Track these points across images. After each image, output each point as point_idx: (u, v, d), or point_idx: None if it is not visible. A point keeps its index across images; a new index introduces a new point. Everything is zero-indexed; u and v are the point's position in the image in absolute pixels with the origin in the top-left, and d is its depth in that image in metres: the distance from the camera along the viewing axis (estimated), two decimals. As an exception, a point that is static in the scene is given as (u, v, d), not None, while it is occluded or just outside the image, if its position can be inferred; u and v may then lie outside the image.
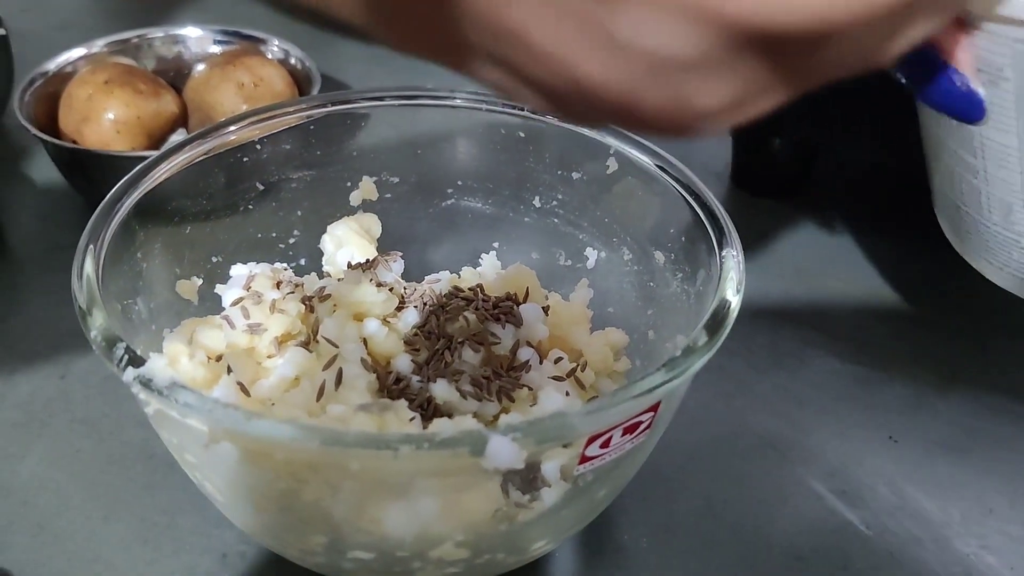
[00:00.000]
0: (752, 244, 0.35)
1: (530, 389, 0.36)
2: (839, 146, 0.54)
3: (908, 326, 0.45)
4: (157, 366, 0.27)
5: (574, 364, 0.37)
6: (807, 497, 0.40)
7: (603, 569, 0.37)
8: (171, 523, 0.38)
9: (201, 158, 0.39)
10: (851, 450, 0.43)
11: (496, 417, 0.35)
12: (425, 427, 0.33)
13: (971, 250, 0.39)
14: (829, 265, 0.54)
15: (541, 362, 0.37)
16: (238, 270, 0.39)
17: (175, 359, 0.34)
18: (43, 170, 0.58)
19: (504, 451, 0.26)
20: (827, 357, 0.47)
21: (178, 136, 0.57)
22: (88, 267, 0.31)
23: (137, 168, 0.36)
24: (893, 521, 0.39)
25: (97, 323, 0.29)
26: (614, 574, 0.37)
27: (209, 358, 0.35)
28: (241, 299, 0.37)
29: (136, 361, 0.28)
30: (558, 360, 0.37)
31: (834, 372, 0.47)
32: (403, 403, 0.32)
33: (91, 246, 0.32)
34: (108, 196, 0.35)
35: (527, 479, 0.31)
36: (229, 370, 0.34)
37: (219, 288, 0.39)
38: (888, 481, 0.41)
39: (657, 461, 0.38)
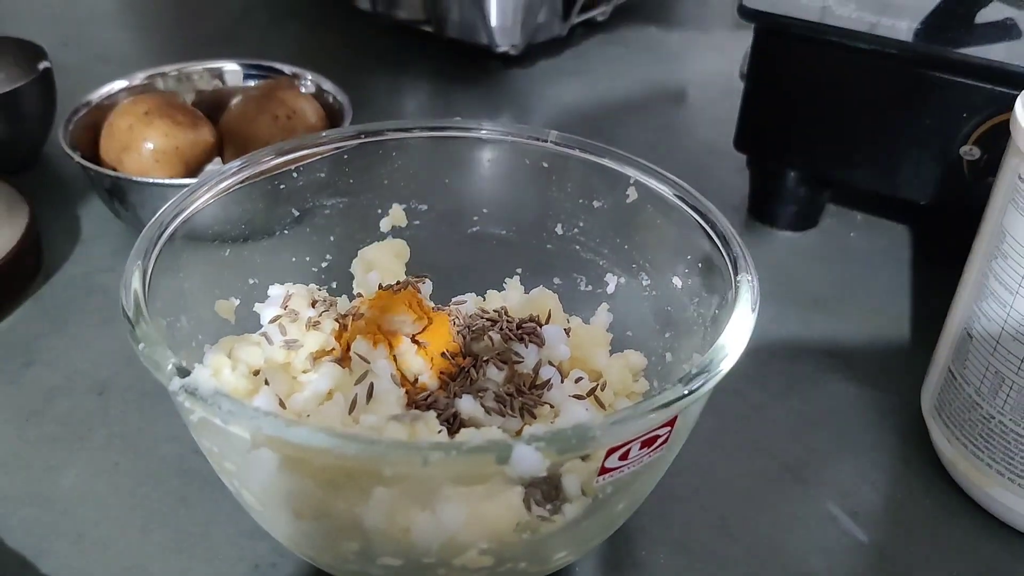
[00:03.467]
0: (769, 274, 0.36)
1: (551, 407, 0.37)
2: (854, 179, 0.55)
3: (921, 355, 0.46)
4: (202, 376, 0.29)
5: (594, 384, 0.39)
6: (821, 518, 0.41)
7: (621, 583, 0.38)
8: (205, 534, 0.40)
9: (240, 185, 0.41)
10: (865, 472, 0.44)
11: (519, 432, 0.36)
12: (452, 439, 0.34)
13: None
14: (845, 295, 0.55)
15: (562, 381, 0.39)
16: (276, 290, 0.41)
17: (218, 370, 0.35)
18: (83, 197, 0.61)
19: (528, 459, 0.27)
20: (842, 383, 0.49)
21: (214, 166, 0.59)
22: (135, 283, 0.33)
23: (181, 192, 0.38)
24: (905, 541, 0.40)
25: (144, 335, 0.31)
26: (632, 588, 0.38)
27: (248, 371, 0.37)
28: (279, 317, 0.38)
29: (182, 372, 0.29)
30: (579, 380, 0.39)
31: (849, 397, 0.48)
32: (432, 414, 0.34)
33: (138, 262, 0.34)
34: (154, 218, 0.36)
35: (548, 494, 0.33)
36: (267, 383, 0.35)
37: (257, 307, 0.41)
38: (901, 503, 0.42)
39: (674, 481, 0.39)
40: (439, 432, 0.33)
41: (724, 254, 0.37)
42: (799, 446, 0.45)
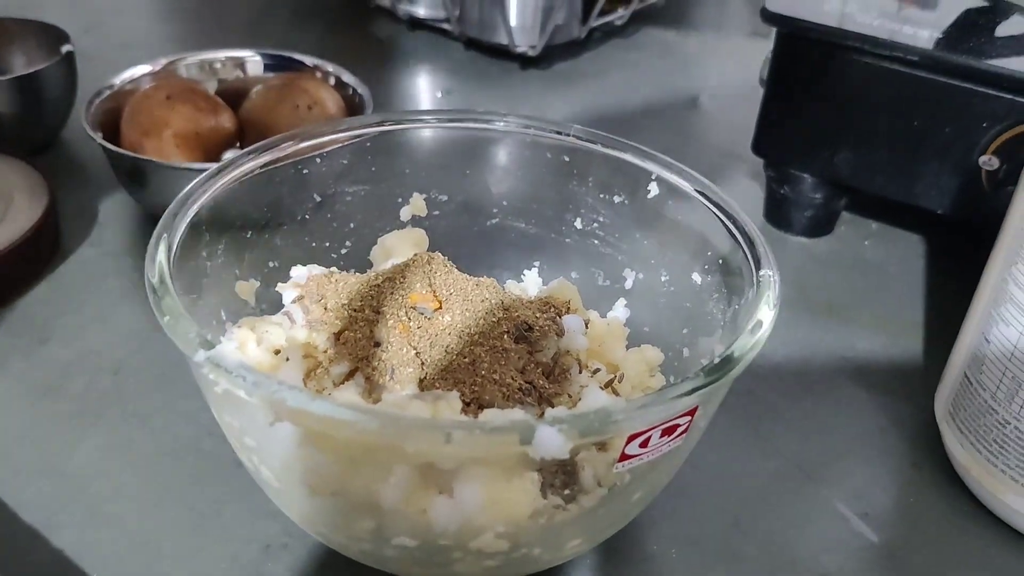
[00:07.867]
0: (784, 280, 0.36)
1: (569, 396, 0.37)
2: (871, 186, 0.55)
3: (933, 363, 0.47)
4: (227, 349, 0.29)
5: (611, 376, 0.39)
6: (832, 518, 0.42)
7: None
8: (218, 514, 0.40)
9: (264, 168, 0.41)
10: (876, 475, 0.44)
11: (541, 415, 0.36)
12: (472, 422, 0.34)
13: None
14: (859, 302, 0.55)
15: (580, 371, 0.39)
16: (298, 271, 0.41)
17: (243, 344, 0.36)
18: (102, 179, 0.61)
19: (551, 440, 0.27)
20: (855, 387, 0.49)
21: (232, 153, 0.59)
22: (161, 255, 0.33)
23: (206, 172, 0.38)
24: (916, 544, 0.41)
25: (169, 308, 0.31)
26: (643, 581, 0.38)
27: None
28: (301, 297, 0.39)
29: (206, 344, 0.30)
30: (596, 371, 0.39)
31: (861, 402, 0.48)
32: (455, 394, 0.34)
33: (164, 235, 0.34)
34: (178, 196, 0.37)
35: (566, 482, 0.33)
36: (288, 360, 0.35)
37: (279, 287, 0.41)
38: (912, 506, 0.42)
39: (688, 478, 0.39)
40: (460, 413, 0.33)
41: (746, 251, 0.37)
42: (811, 447, 0.45)
